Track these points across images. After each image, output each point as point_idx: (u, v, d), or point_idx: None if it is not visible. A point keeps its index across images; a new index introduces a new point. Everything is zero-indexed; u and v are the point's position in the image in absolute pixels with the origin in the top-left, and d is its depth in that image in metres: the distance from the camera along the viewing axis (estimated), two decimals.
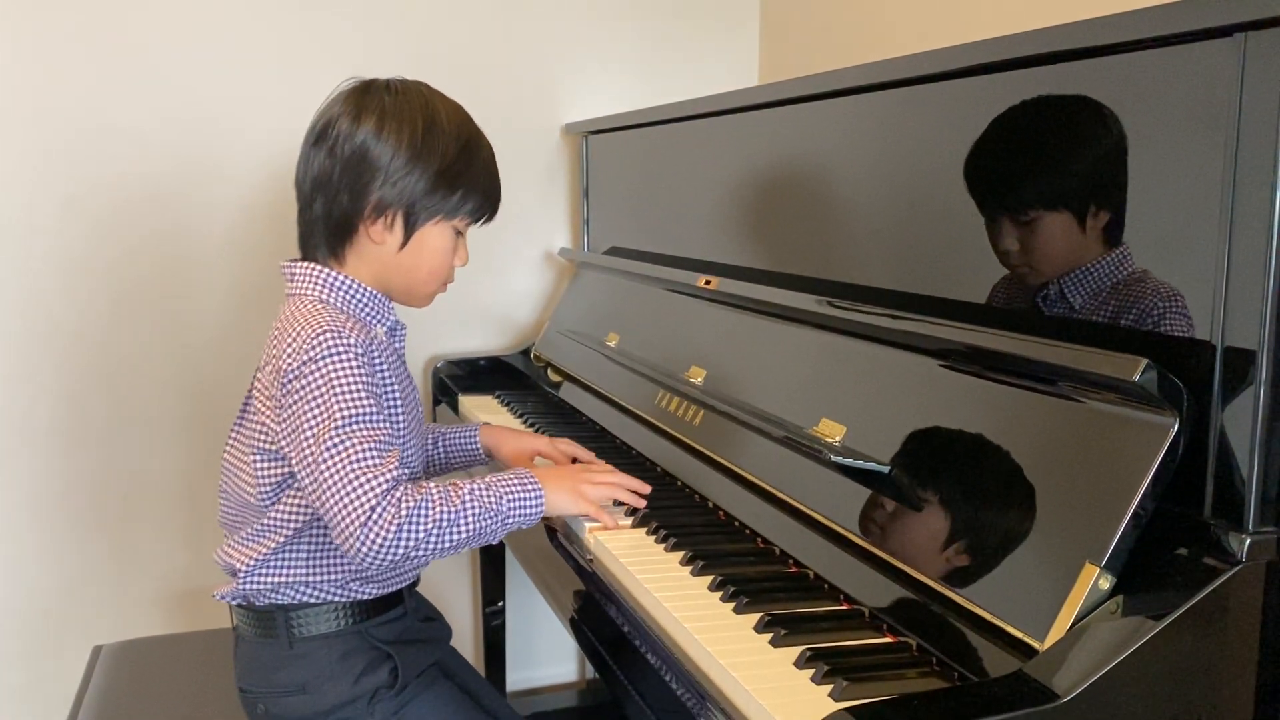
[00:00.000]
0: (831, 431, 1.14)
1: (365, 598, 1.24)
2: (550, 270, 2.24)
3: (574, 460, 1.43)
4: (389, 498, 1.07)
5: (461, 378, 2.12)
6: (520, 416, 1.84)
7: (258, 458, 1.19)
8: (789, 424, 1.21)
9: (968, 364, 1.02)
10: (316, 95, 1.31)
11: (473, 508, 1.12)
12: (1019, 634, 0.83)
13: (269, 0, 1.97)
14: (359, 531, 1.06)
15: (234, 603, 1.26)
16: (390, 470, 1.09)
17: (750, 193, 1.53)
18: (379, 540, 1.06)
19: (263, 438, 1.18)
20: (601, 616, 1.15)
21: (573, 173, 2.22)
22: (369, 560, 1.07)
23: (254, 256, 2.02)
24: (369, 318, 1.24)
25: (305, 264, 1.23)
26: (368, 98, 1.21)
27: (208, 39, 1.95)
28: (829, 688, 0.86)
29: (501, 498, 1.15)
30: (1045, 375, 0.92)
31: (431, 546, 1.09)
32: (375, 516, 1.06)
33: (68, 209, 1.92)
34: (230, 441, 1.27)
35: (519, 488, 1.17)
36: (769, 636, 0.95)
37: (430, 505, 1.09)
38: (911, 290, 1.17)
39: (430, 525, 1.09)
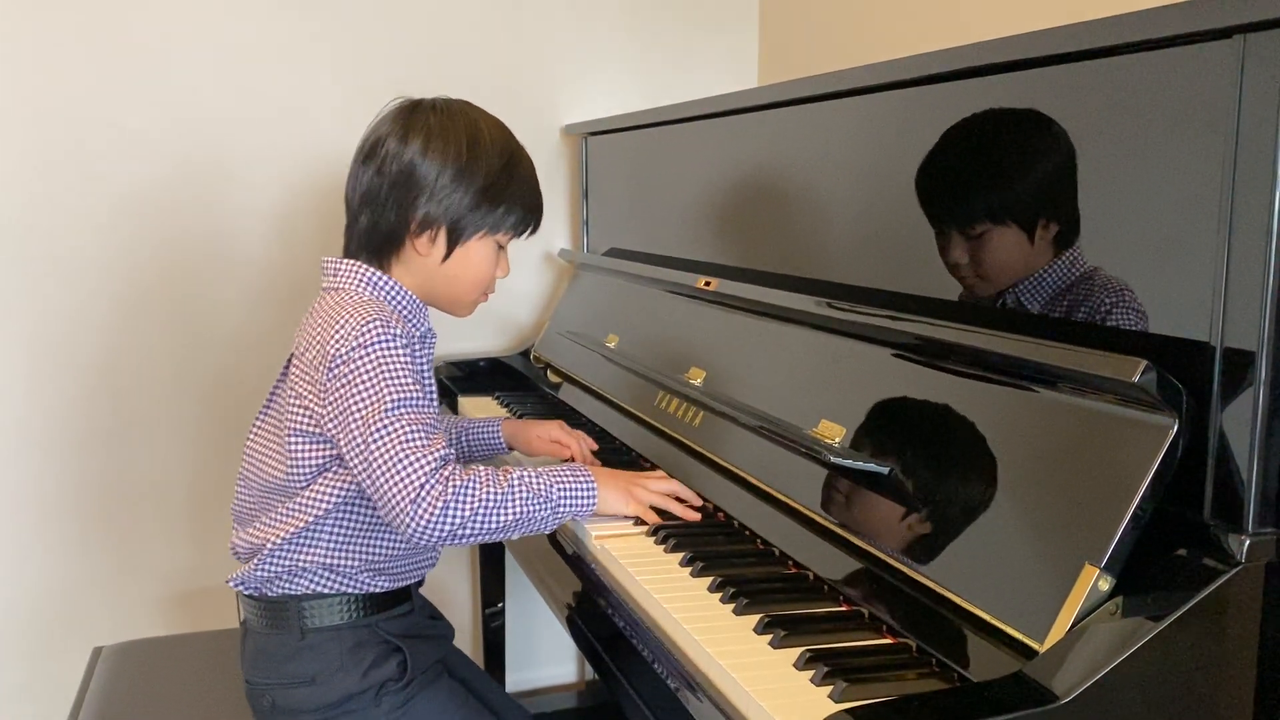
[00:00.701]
0: (831, 433, 1.15)
1: (377, 591, 1.26)
2: (550, 271, 2.24)
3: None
4: (437, 475, 1.12)
5: (461, 379, 2.12)
6: (520, 418, 1.84)
7: (296, 439, 1.21)
8: (788, 425, 1.21)
9: (968, 365, 1.02)
10: (316, 96, 1.32)
11: (522, 492, 1.16)
12: (1018, 635, 0.83)
13: (269, 3, 1.97)
14: (409, 509, 1.10)
15: (246, 592, 1.27)
16: (438, 449, 1.13)
17: (750, 194, 1.54)
18: (427, 517, 1.10)
19: (305, 420, 1.20)
20: (601, 617, 1.15)
21: (572, 174, 2.22)
22: (419, 537, 1.11)
23: (258, 257, 2.02)
24: (405, 321, 1.25)
25: (349, 261, 1.26)
26: (415, 117, 1.25)
27: (208, 41, 1.95)
28: (829, 689, 0.86)
29: (552, 485, 1.19)
30: (1045, 376, 0.92)
31: (479, 525, 1.13)
32: (424, 494, 1.10)
33: (71, 210, 1.91)
34: (256, 428, 1.29)
35: (572, 479, 1.22)
36: (769, 638, 0.96)
37: (478, 485, 1.13)
38: (911, 291, 1.17)
39: (477, 504, 1.12)
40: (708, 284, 1.55)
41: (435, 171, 1.23)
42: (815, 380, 1.24)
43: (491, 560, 2.15)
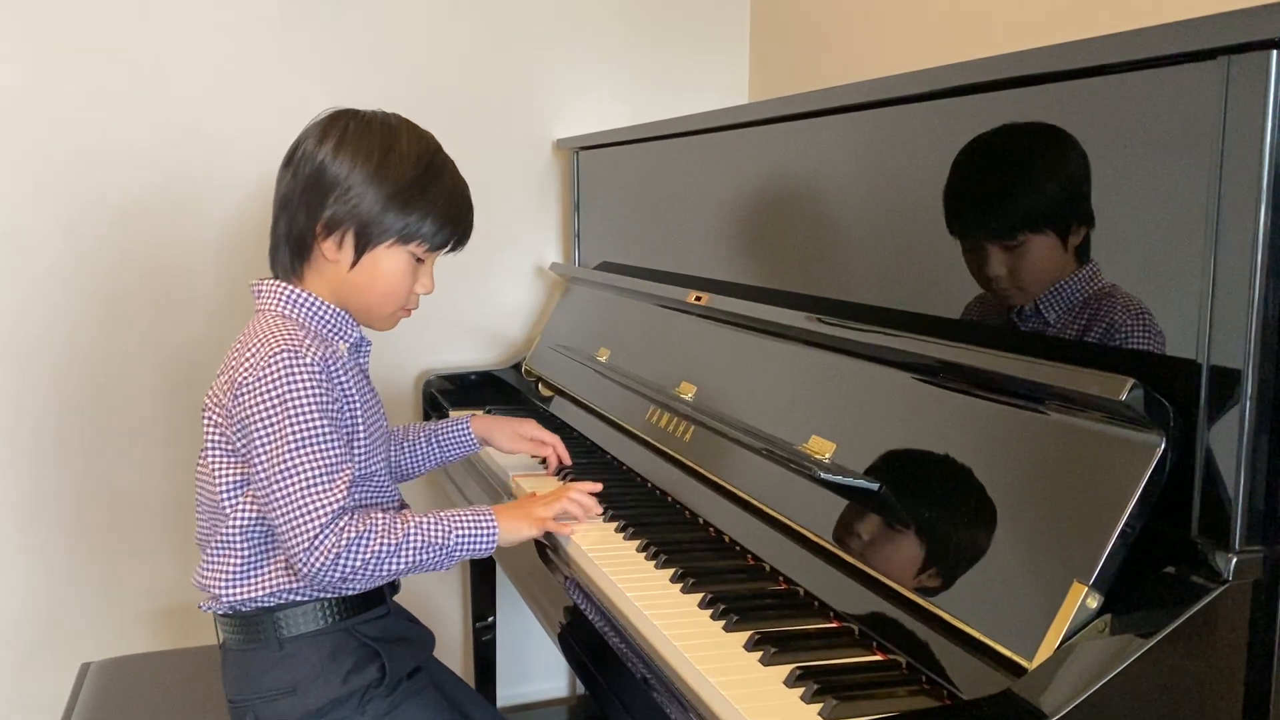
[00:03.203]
0: (821, 449, 1.15)
1: (349, 592, 1.26)
2: (541, 284, 2.24)
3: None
4: (333, 527, 1.15)
5: (452, 392, 2.12)
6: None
7: (218, 455, 1.23)
8: (779, 441, 1.21)
9: (957, 382, 1.02)
10: (307, 112, 1.32)
11: (416, 541, 1.19)
12: (1008, 652, 0.83)
13: (261, 18, 1.98)
14: (302, 555, 1.15)
15: (220, 612, 1.26)
16: (336, 498, 1.15)
17: (740, 209, 1.54)
18: (319, 563, 1.15)
19: (220, 439, 1.23)
20: (590, 633, 1.15)
21: (564, 188, 2.23)
22: (311, 579, 1.16)
23: (243, 271, 2.02)
24: (331, 334, 1.27)
25: (271, 281, 1.27)
26: (336, 122, 1.26)
27: (200, 53, 1.95)
28: (819, 706, 0.86)
29: (450, 531, 1.22)
30: (1034, 394, 0.93)
31: (369, 572, 1.17)
32: (318, 542, 1.14)
33: (58, 220, 1.91)
34: (202, 455, 1.29)
35: (473, 523, 1.24)
36: (759, 655, 0.95)
37: (371, 538, 1.17)
38: (901, 307, 1.18)
39: (369, 555, 1.16)
40: (699, 299, 1.55)
41: (345, 172, 1.22)
42: (806, 396, 1.24)
43: (482, 575, 2.15)
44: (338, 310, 1.27)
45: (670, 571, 1.16)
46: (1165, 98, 0.85)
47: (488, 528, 1.25)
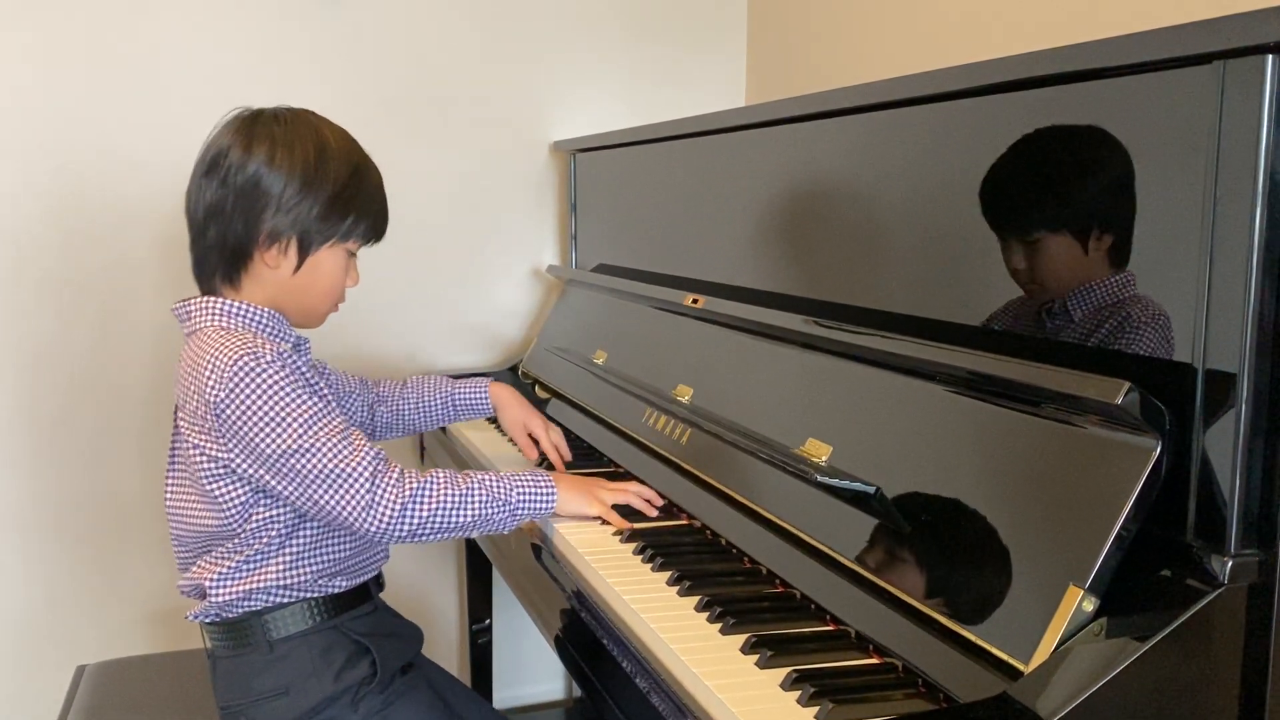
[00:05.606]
0: (818, 451, 1.15)
1: (336, 591, 1.26)
2: (538, 286, 2.24)
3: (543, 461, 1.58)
4: (383, 478, 1.16)
5: None
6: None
7: (213, 483, 1.19)
8: (775, 443, 1.21)
9: (952, 385, 1.02)
10: None
11: (480, 495, 1.21)
12: (1004, 656, 0.83)
13: (258, 20, 1.98)
14: (365, 516, 1.15)
15: (205, 620, 1.26)
16: (365, 451, 1.17)
17: (736, 212, 1.54)
18: (386, 518, 1.16)
19: (212, 466, 1.19)
20: (587, 636, 1.15)
21: (561, 190, 2.23)
22: (381, 538, 1.18)
23: None
24: (271, 338, 1.24)
25: (198, 300, 1.24)
26: (257, 127, 1.23)
27: (197, 60, 1.95)
28: (815, 709, 0.86)
29: (511, 490, 1.24)
30: (1029, 397, 0.93)
31: (437, 524, 1.18)
32: (376, 498, 1.15)
33: (56, 225, 1.91)
34: (169, 486, 1.27)
35: (532, 483, 1.26)
36: (755, 658, 0.96)
37: (435, 488, 1.18)
38: (898, 311, 1.18)
39: (435, 506, 1.18)
40: (695, 301, 1.55)
41: (282, 182, 1.20)
42: (802, 398, 1.24)
43: (478, 577, 2.14)
44: (274, 314, 1.25)
45: (667, 574, 1.16)
46: (1160, 102, 0.85)
47: (547, 490, 1.26)
